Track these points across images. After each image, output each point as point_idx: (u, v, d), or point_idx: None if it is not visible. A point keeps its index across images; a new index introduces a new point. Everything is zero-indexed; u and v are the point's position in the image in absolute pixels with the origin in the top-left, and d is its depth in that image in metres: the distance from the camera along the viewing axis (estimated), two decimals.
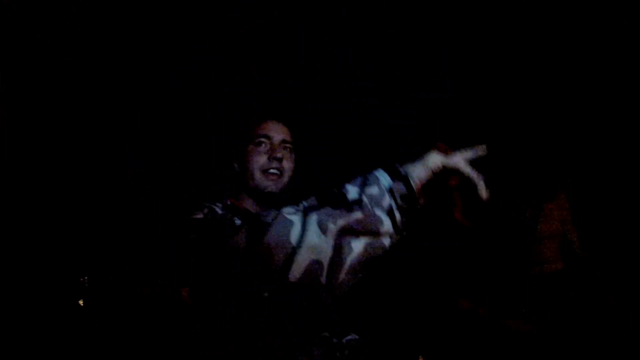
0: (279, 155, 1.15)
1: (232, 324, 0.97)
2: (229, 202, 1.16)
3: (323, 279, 0.86)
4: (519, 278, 2.34)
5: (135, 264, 2.68)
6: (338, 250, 0.86)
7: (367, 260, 0.88)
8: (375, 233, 0.88)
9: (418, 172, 0.90)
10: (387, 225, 0.88)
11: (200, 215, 1.06)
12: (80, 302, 2.66)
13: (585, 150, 3.07)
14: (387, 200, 0.88)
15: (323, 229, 0.86)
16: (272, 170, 1.14)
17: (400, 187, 0.89)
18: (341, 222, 0.87)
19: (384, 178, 0.90)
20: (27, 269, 2.69)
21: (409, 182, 0.89)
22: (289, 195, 1.19)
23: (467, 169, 0.89)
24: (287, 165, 1.17)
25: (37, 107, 2.76)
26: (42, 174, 2.79)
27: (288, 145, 1.19)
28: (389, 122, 3.10)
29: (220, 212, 1.09)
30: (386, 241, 0.89)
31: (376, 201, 0.88)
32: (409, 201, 0.89)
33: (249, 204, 1.18)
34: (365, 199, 0.88)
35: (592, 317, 2.35)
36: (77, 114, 2.83)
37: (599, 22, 2.86)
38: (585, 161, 3.05)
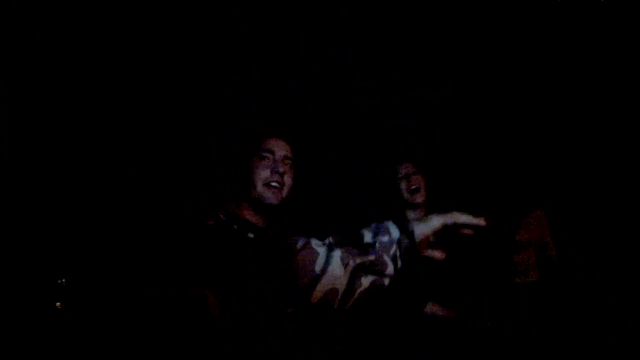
0: (280, 169, 1.26)
1: (233, 325, 1.05)
2: (230, 211, 1.27)
3: (336, 304, 1.05)
4: (497, 287, 2.34)
5: (136, 264, 2.68)
6: (351, 283, 1.04)
7: (369, 294, 1.06)
8: (381, 274, 1.05)
9: (422, 230, 1.06)
10: (390, 269, 1.05)
11: (210, 222, 1.19)
12: (58, 304, 2.67)
13: (582, 151, 3.07)
14: (394, 249, 1.05)
15: (344, 264, 1.03)
16: (273, 184, 1.26)
17: (405, 241, 1.05)
18: (358, 260, 1.04)
19: (394, 230, 1.06)
20: (26, 269, 2.69)
21: (414, 237, 1.05)
22: (288, 206, 1.31)
23: (464, 218, 1.05)
24: (288, 179, 1.29)
25: (37, 107, 2.76)
26: (42, 174, 2.79)
27: (289, 161, 1.31)
28: (389, 122, 3.11)
29: (224, 218, 1.22)
30: (386, 281, 1.06)
31: (385, 248, 1.04)
32: (411, 253, 1.06)
33: (249, 213, 1.29)
34: (377, 244, 1.05)
35: (570, 326, 2.37)
36: (77, 114, 2.84)
37: (598, 22, 2.86)
38: (582, 161, 3.05)
